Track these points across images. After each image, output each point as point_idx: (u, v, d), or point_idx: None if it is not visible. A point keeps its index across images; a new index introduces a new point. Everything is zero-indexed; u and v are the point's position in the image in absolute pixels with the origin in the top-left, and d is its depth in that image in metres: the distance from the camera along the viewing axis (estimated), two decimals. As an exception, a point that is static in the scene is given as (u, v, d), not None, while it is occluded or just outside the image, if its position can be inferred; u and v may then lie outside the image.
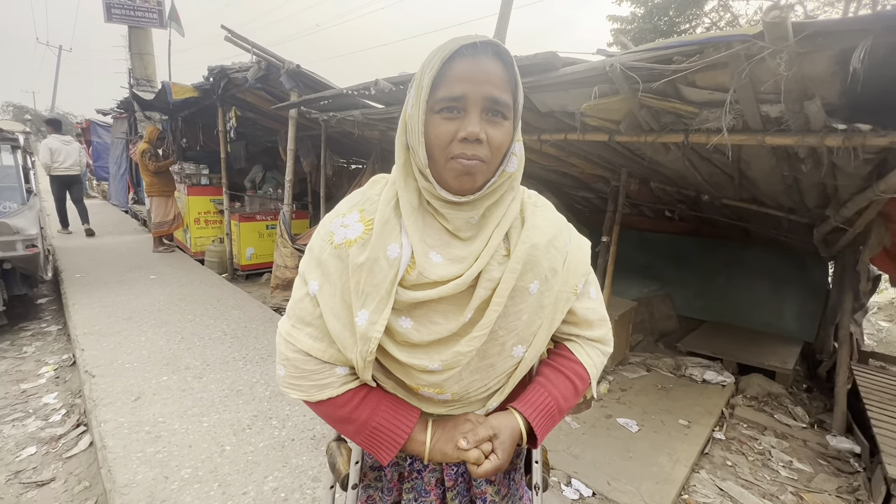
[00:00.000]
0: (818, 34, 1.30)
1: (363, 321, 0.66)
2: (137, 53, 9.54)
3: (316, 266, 0.71)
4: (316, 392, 0.71)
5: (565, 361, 0.78)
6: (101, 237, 7.20)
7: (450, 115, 0.63)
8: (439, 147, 0.64)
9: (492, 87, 0.62)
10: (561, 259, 0.74)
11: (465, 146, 0.62)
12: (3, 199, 4.02)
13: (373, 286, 0.66)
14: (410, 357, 0.68)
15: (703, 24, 11.44)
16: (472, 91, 0.61)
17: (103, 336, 3.45)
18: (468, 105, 0.62)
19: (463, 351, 0.68)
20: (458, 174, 0.64)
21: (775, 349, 3.81)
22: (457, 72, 0.62)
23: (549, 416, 0.74)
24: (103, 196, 12.40)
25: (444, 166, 0.65)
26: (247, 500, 1.89)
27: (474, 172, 0.64)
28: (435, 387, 0.71)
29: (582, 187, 4.30)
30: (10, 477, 2.15)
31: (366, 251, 0.67)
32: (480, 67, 0.62)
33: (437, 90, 0.63)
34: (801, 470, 2.47)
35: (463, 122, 0.62)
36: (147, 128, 6.10)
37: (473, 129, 0.61)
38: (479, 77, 0.61)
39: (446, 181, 0.66)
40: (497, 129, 0.64)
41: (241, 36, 3.82)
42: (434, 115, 0.64)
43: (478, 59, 0.62)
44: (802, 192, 2.72)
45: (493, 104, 0.63)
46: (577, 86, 2.06)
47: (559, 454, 2.38)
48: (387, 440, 0.71)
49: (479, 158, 0.63)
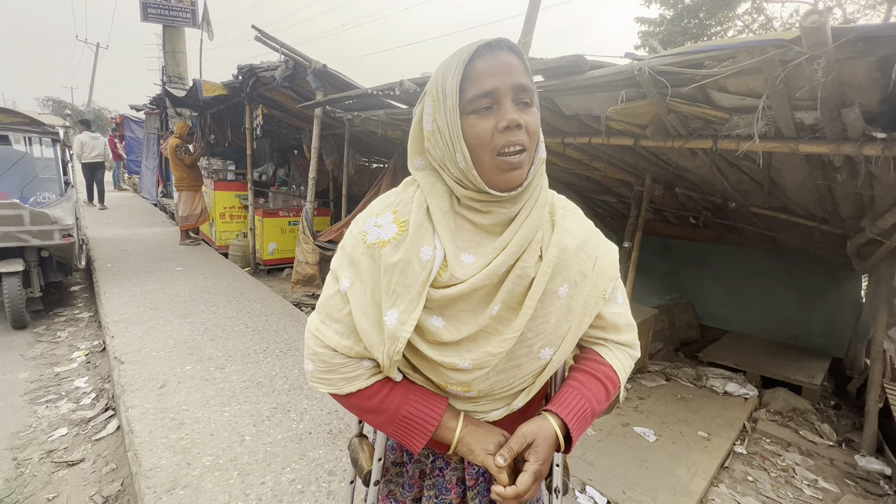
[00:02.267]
0: (859, 39, 1.26)
1: (392, 320, 0.67)
2: (171, 52, 9.85)
3: (348, 264, 0.73)
4: (345, 385, 0.72)
5: (596, 365, 0.78)
6: (130, 229, 7.47)
7: (485, 113, 0.65)
8: (482, 145, 0.65)
9: (516, 74, 0.65)
10: (590, 264, 0.74)
11: (509, 134, 0.64)
12: (43, 189, 4.21)
13: (404, 286, 0.67)
14: (441, 355, 0.69)
15: (734, 27, 11.14)
16: (501, 83, 0.64)
17: (132, 324, 3.58)
18: (500, 97, 0.64)
19: (494, 352, 0.68)
20: (507, 170, 0.65)
21: (802, 363, 3.69)
22: (481, 69, 0.64)
23: (584, 419, 0.73)
24: (134, 189, 12.82)
25: (490, 165, 0.66)
26: (265, 489, 1.93)
27: (522, 164, 0.66)
28: (463, 385, 0.71)
29: (604, 191, 4.25)
30: (43, 455, 2.26)
31: (399, 252, 0.68)
32: (502, 60, 0.65)
33: (466, 92, 0.64)
34: (827, 489, 2.39)
35: (499, 114, 0.64)
36: (177, 123, 6.30)
37: (513, 115, 0.64)
38: (503, 69, 0.64)
39: (491, 179, 0.67)
40: (530, 115, 0.66)
41: (269, 35, 3.91)
42: (468, 117, 0.65)
43: (496, 54, 0.65)
44: (836, 201, 2.62)
45: (521, 91, 0.65)
46: (603, 89, 2.04)
47: (574, 460, 2.36)
48: (418, 428, 0.70)
49: (523, 145, 0.65)
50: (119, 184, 13.27)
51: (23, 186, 4.10)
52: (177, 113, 8.08)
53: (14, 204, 3.45)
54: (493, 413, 0.76)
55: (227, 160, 6.81)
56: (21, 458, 2.23)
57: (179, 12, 9.94)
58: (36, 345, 3.49)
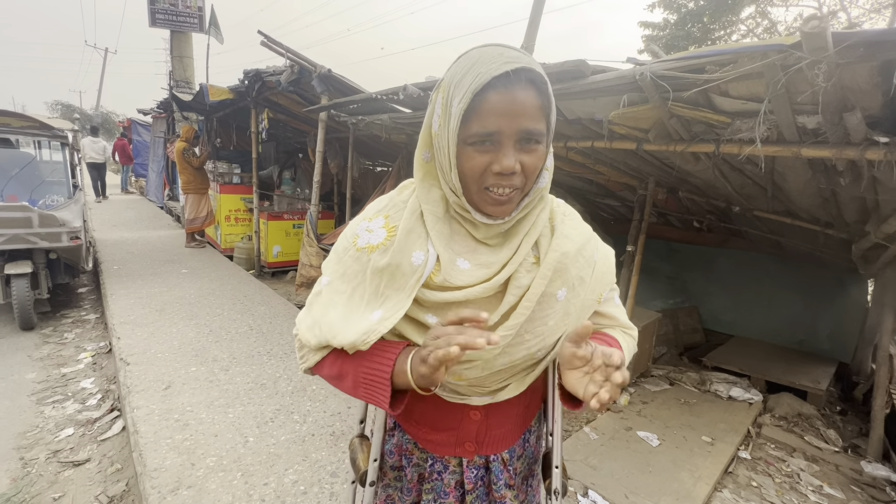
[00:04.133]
0: (860, 44, 1.27)
1: (376, 318, 0.68)
2: (178, 56, 9.96)
3: (335, 264, 0.76)
4: (312, 356, 0.75)
5: (606, 337, 0.79)
6: (137, 231, 7.53)
7: (483, 148, 0.62)
8: (472, 178, 0.64)
9: (526, 119, 0.60)
10: (589, 269, 0.75)
11: (500, 178, 0.62)
12: (52, 192, 4.27)
13: (394, 290, 0.68)
14: None
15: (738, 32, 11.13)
16: (506, 126, 0.60)
17: (138, 326, 3.61)
18: (503, 139, 0.61)
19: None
20: (493, 204, 0.65)
21: (808, 368, 3.66)
22: (491, 106, 0.59)
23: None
24: (141, 192, 12.93)
25: (477, 195, 0.65)
26: (268, 490, 1.95)
27: (510, 202, 0.65)
28: (453, 374, 0.73)
29: (607, 195, 4.25)
30: (49, 455, 2.28)
31: (387, 256, 0.68)
32: (515, 100, 0.59)
33: (470, 124, 0.61)
34: (832, 496, 2.37)
35: (497, 156, 0.61)
36: (183, 127, 6.36)
37: (509, 163, 0.61)
38: (513, 111, 0.59)
39: (478, 207, 0.67)
40: (531, 156, 0.63)
41: (275, 41, 3.95)
42: (466, 147, 0.63)
43: (511, 91, 0.59)
44: (840, 206, 2.61)
45: (526, 136, 0.61)
46: (605, 94, 2.05)
47: (576, 464, 2.36)
48: (377, 381, 0.66)
49: (515, 187, 0.64)
50: (126, 187, 13.39)
51: (32, 189, 4.15)
52: (184, 117, 8.16)
53: (23, 206, 3.50)
54: (476, 399, 0.78)
55: (232, 163, 6.87)
56: (28, 458, 2.25)
57: (187, 18, 10.06)
58: (43, 346, 3.52)
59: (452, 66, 0.65)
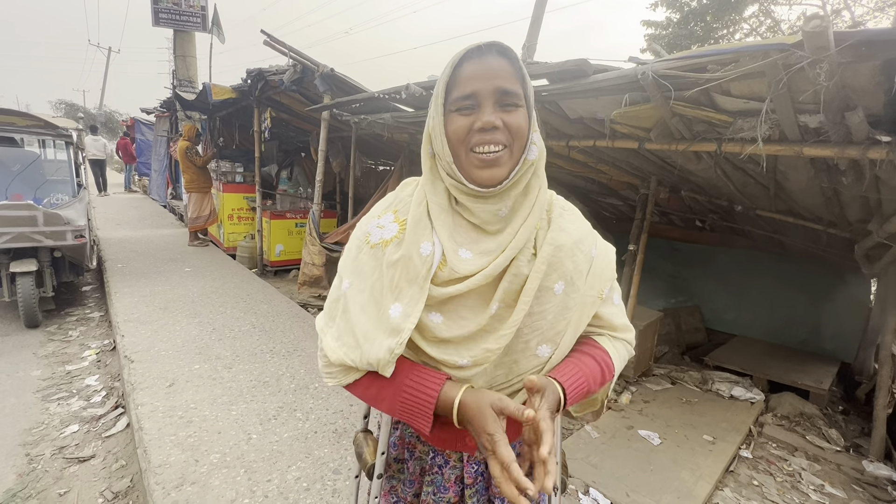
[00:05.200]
0: (861, 44, 1.27)
1: (397, 313, 0.69)
2: (181, 56, 9.99)
3: (352, 265, 0.77)
4: (343, 376, 0.76)
5: (591, 348, 0.79)
6: (140, 230, 7.57)
7: (465, 112, 0.67)
8: (458, 140, 0.68)
9: (500, 80, 0.66)
10: (587, 263, 0.76)
11: (483, 134, 0.66)
12: (56, 191, 4.29)
13: (407, 281, 0.70)
14: (441, 353, 0.71)
15: (741, 31, 11.08)
16: (482, 87, 0.66)
17: (142, 324, 3.64)
18: (481, 99, 0.66)
19: (492, 348, 0.70)
20: (481, 166, 0.67)
21: (810, 368, 3.66)
22: (466, 72, 0.67)
23: (579, 391, 0.73)
24: (144, 191, 12.99)
25: (466, 160, 0.68)
26: (271, 487, 1.96)
27: (497, 162, 0.67)
28: (463, 381, 0.73)
29: (609, 194, 4.25)
30: (54, 452, 2.30)
31: (400, 249, 0.71)
32: (487, 65, 0.67)
33: (451, 93, 0.68)
34: (834, 495, 2.37)
35: (478, 115, 0.67)
36: (184, 126, 6.38)
37: (489, 118, 0.66)
38: (487, 73, 0.66)
39: (472, 175, 0.69)
40: (512, 115, 0.67)
41: (278, 40, 3.96)
42: (451, 115, 0.68)
43: (484, 58, 0.67)
44: (843, 205, 2.61)
45: (503, 95, 0.67)
46: (607, 93, 2.06)
47: (578, 462, 2.37)
48: (420, 410, 0.69)
49: (500, 143, 0.67)
50: (129, 185, 13.45)
51: (37, 188, 4.18)
52: (187, 116, 8.19)
53: (28, 205, 3.52)
54: None
55: (235, 162, 6.89)
56: (34, 454, 2.27)
57: (190, 17, 10.08)
58: (48, 343, 3.55)
59: None
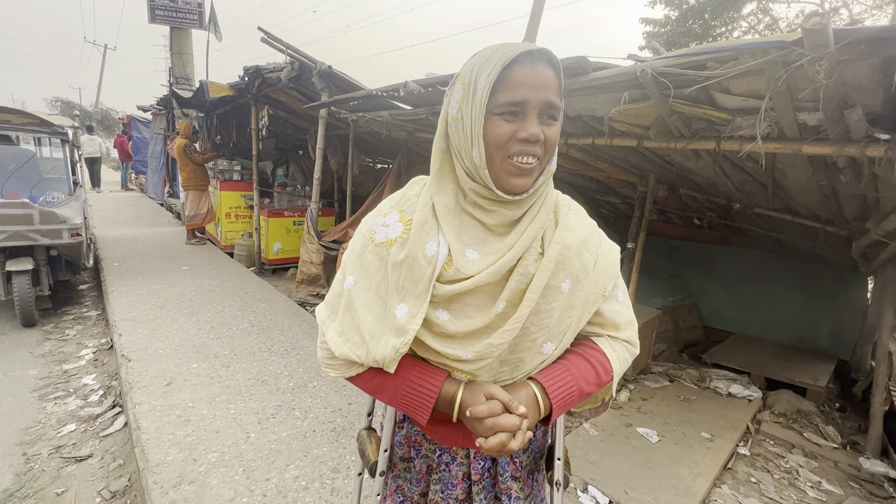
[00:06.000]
0: (861, 41, 1.27)
1: (403, 314, 0.70)
2: (178, 53, 9.94)
3: (356, 262, 0.77)
4: (346, 369, 0.77)
5: (588, 350, 0.80)
6: (137, 228, 7.54)
7: (509, 118, 0.66)
8: (498, 146, 0.67)
9: (549, 92, 0.66)
10: (592, 261, 0.76)
11: (525, 146, 0.66)
12: (52, 189, 4.26)
13: (412, 282, 0.70)
14: (446, 347, 0.72)
15: (740, 28, 11.09)
16: (532, 96, 0.65)
17: (139, 322, 3.62)
18: (528, 109, 0.66)
19: (495, 343, 0.70)
20: (515, 174, 0.68)
21: (807, 365, 3.67)
22: (518, 77, 0.65)
23: (569, 395, 0.74)
24: (141, 189, 12.93)
25: (500, 166, 0.68)
26: (269, 485, 1.96)
27: (531, 173, 0.68)
28: (468, 374, 0.74)
29: (608, 192, 4.25)
30: (52, 451, 2.29)
31: (405, 249, 0.71)
32: (539, 74, 0.66)
33: (498, 94, 0.66)
34: (831, 492, 2.38)
35: (523, 124, 0.66)
36: (182, 123, 6.34)
37: (535, 130, 0.66)
38: (538, 83, 0.66)
39: (500, 180, 0.69)
40: (551, 130, 0.68)
41: (275, 37, 3.94)
42: (494, 117, 0.67)
43: (536, 66, 0.66)
44: (841, 203, 2.61)
45: (549, 108, 0.67)
46: (606, 90, 2.05)
47: (576, 460, 2.37)
48: (420, 400, 0.72)
49: (537, 156, 0.68)
50: (126, 184, 13.39)
51: (32, 186, 4.15)
52: (183, 114, 8.15)
53: (24, 203, 3.50)
54: None
55: (232, 160, 6.86)
56: (31, 454, 2.26)
57: (186, 14, 10.03)
58: (45, 342, 3.53)
59: (472, 58, 0.71)
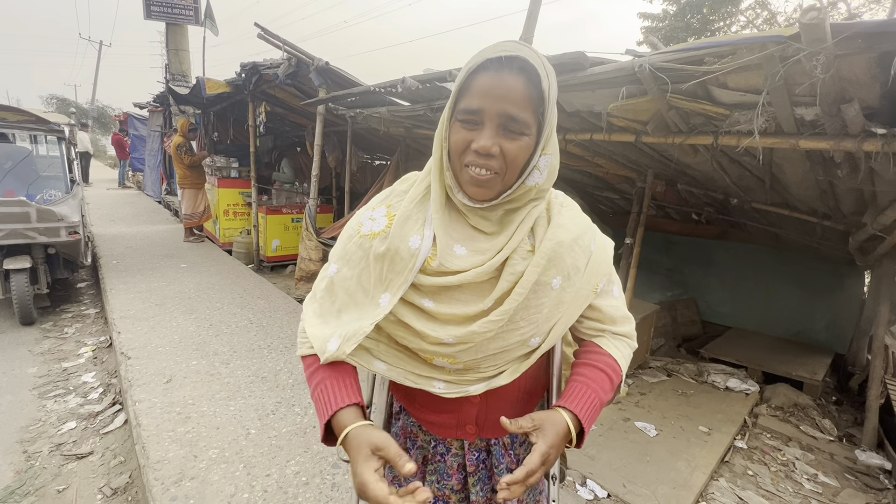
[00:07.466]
0: (858, 36, 1.27)
1: (385, 302, 0.72)
2: (174, 49, 9.88)
3: (341, 252, 0.79)
4: (300, 348, 0.81)
5: (597, 356, 0.79)
6: (135, 226, 7.52)
7: (468, 126, 0.66)
8: (456, 152, 0.68)
9: (509, 104, 0.63)
10: (584, 258, 0.76)
11: (478, 157, 0.65)
12: (50, 187, 4.24)
13: (395, 273, 0.72)
14: (426, 327, 0.72)
15: (738, 23, 11.06)
16: (488, 106, 0.63)
17: (138, 320, 3.62)
18: (484, 119, 0.64)
19: (478, 331, 0.70)
20: (471, 183, 0.68)
21: (804, 359, 3.69)
22: (478, 86, 0.64)
23: (594, 411, 0.74)
24: (138, 187, 12.88)
25: (460, 172, 0.69)
26: (270, 481, 1.97)
27: (487, 185, 0.67)
28: (448, 357, 0.74)
29: (606, 188, 4.25)
30: (52, 449, 2.30)
31: (386, 243, 0.73)
32: (501, 84, 0.63)
33: (461, 101, 0.66)
34: (827, 484, 2.40)
35: (479, 135, 0.65)
36: (179, 121, 6.31)
37: (485, 143, 0.64)
38: (497, 93, 0.63)
39: (462, 186, 0.70)
40: (513, 144, 0.65)
41: (272, 33, 3.92)
42: (456, 122, 0.67)
43: (500, 74, 0.63)
44: (838, 197, 2.62)
45: (508, 121, 0.64)
46: (604, 86, 2.05)
47: (574, 454, 2.38)
48: (319, 410, 0.74)
49: (492, 170, 0.66)
50: (123, 181, 13.33)
51: (29, 184, 4.13)
52: (180, 111, 8.11)
53: (21, 201, 3.48)
54: (474, 387, 0.77)
55: (230, 157, 6.84)
56: (31, 451, 2.27)
57: (182, 10, 9.95)
58: (44, 340, 3.53)
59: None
